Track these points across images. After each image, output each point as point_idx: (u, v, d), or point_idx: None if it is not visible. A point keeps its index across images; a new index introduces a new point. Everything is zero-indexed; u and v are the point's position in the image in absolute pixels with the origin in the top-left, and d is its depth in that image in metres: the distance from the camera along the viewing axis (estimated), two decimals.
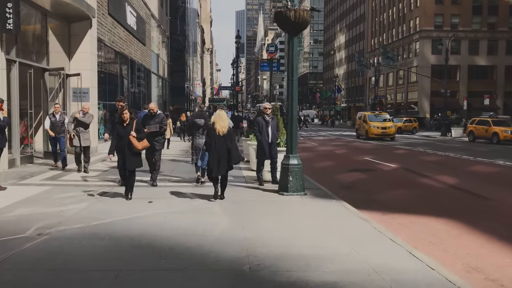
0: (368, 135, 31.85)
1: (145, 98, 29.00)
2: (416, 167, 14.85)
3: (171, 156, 17.09)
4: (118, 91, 21.64)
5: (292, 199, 8.63)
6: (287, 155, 9.22)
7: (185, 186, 10.05)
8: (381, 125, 32.02)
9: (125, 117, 8.18)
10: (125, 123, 8.18)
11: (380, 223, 7.19)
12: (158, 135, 9.92)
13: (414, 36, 61.87)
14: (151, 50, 30.11)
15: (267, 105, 10.47)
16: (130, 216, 6.99)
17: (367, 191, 10.70)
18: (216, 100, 69.52)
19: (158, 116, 9.99)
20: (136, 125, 8.19)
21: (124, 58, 22.61)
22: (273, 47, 21.25)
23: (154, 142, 9.68)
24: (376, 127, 31.82)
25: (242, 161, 10.02)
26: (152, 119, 9.87)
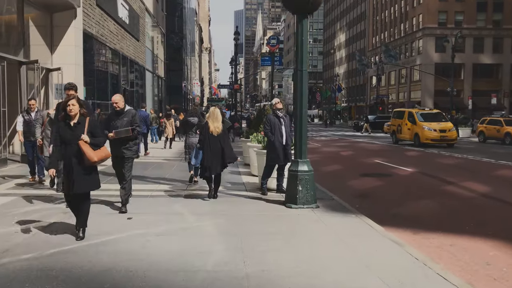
0: (419, 140, 23.77)
1: (139, 97, 27.49)
2: (436, 172, 13.37)
3: (167, 157, 15.65)
4: (108, 89, 20.15)
5: (303, 214, 7.15)
6: (295, 160, 7.74)
7: (175, 196, 8.57)
8: (439, 127, 23.78)
9: (72, 111, 5.43)
10: (72, 121, 5.48)
11: (416, 246, 5.73)
12: (130, 140, 7.16)
13: (417, 34, 60.42)
14: (145, 47, 28.62)
15: (277, 100, 8.98)
16: (100, 239, 5.51)
17: (386, 201, 9.23)
18: (214, 99, 67.93)
19: (128, 113, 7.16)
20: (90, 126, 5.53)
21: (115, 54, 21.12)
22: (275, 39, 19.63)
23: (123, 149, 7.12)
24: (433, 130, 23.56)
25: (236, 160, 8.70)
26: (119, 118, 7.12)
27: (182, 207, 7.55)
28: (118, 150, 7.08)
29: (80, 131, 5.43)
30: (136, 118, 7.14)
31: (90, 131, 5.51)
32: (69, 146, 5.44)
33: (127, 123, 7.07)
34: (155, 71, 33.67)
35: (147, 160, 15.05)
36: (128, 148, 7.17)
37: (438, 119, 25.25)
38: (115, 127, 7.01)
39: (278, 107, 8.87)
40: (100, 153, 5.49)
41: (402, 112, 27.17)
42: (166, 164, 13.98)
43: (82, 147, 5.36)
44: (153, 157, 15.91)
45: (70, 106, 5.42)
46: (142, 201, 7.98)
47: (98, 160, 5.44)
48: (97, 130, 5.63)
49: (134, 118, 7.11)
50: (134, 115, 7.17)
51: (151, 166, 13.27)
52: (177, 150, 19.03)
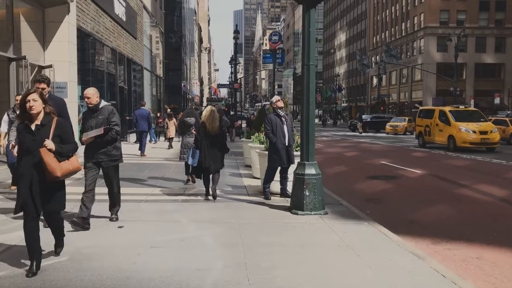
0: (455, 144, 20.44)
1: (137, 96, 26.87)
2: (446, 174, 12.75)
3: (165, 158, 15.03)
4: (105, 88, 19.53)
5: (311, 222, 6.54)
6: (302, 163, 7.12)
7: (171, 201, 7.95)
8: (478, 128, 20.47)
9: (33, 109, 4.15)
10: (34, 122, 4.22)
11: (439, 260, 5.14)
12: (108, 144, 5.88)
13: (418, 33, 59.85)
14: (143, 45, 28.00)
15: (277, 98, 8.34)
16: (85, 253, 4.89)
17: (398, 206, 8.62)
18: (214, 100, 67.32)
19: (103, 111, 5.92)
20: (58, 128, 4.26)
21: (112, 51, 20.50)
22: (277, 36, 18.88)
23: (100, 155, 5.87)
24: (471, 131, 20.27)
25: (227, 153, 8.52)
26: (93, 117, 5.92)
27: (179, 214, 6.94)
28: (93, 155, 5.84)
29: (43, 136, 4.16)
30: (114, 116, 5.91)
31: (59, 135, 4.25)
32: (28, 156, 4.14)
33: (103, 122, 5.83)
34: (153, 70, 33.07)
35: (144, 161, 14.45)
36: (107, 153, 5.88)
37: (475, 118, 21.64)
38: (90, 127, 5.87)
39: (278, 105, 8.24)
40: (66, 166, 4.20)
41: (431, 111, 23.37)
42: (164, 165, 13.37)
43: (43, 157, 4.05)
44: (151, 158, 15.30)
45: (31, 103, 4.13)
46: (136, 207, 7.36)
47: (62, 175, 4.16)
48: (67, 135, 4.34)
49: (111, 116, 5.88)
50: (111, 112, 5.92)
51: (147, 167, 12.66)
52: (176, 150, 18.42)
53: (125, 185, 9.38)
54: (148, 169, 12.41)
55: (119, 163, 6.20)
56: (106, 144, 5.86)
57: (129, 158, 14.97)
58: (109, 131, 5.77)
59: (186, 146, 9.91)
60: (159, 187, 9.34)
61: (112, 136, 5.84)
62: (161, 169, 12.35)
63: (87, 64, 17.34)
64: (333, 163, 15.41)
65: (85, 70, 17.08)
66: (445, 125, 21.45)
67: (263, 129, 11.04)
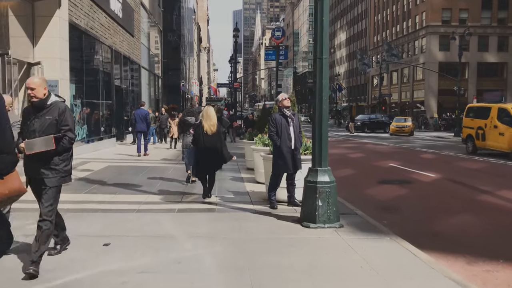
0: None
1: (134, 96, 26.07)
2: (463, 178, 11.96)
3: (164, 159, 14.21)
4: (99, 87, 18.71)
5: (326, 237, 5.74)
6: (314, 168, 6.32)
7: (166, 210, 7.14)
8: None
9: None
10: None
11: (480, 284, 4.34)
12: (56, 154, 4.29)
13: (420, 32, 59.05)
14: (141, 43, 27.18)
15: (284, 96, 7.52)
16: (60, 280, 4.07)
17: (417, 215, 7.82)
18: (213, 99, 66.51)
19: (52, 109, 4.33)
20: None
21: (107, 49, 19.68)
22: (280, 31, 17.96)
23: (43, 169, 4.27)
24: None
25: (231, 159, 8.12)
26: (38, 117, 4.31)
27: (174, 226, 6.13)
28: (35, 169, 4.29)
29: None
30: (66, 118, 4.31)
31: None
32: None
33: (50, 125, 4.27)
34: (151, 69, 32.26)
35: (141, 163, 13.64)
36: (52, 166, 4.29)
37: None
38: (32, 131, 4.28)
39: (285, 104, 7.41)
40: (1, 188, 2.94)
41: (486, 109, 18.63)
42: (161, 168, 12.55)
43: None
44: (148, 160, 14.50)
45: None
46: (126, 218, 6.54)
47: None
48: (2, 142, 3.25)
49: (62, 117, 4.30)
50: (63, 112, 4.31)
51: (143, 170, 11.85)
52: (175, 151, 17.62)
53: (117, 192, 8.60)
54: (144, 172, 11.60)
55: (67, 182, 4.51)
56: (53, 155, 4.28)
57: (125, 161, 14.18)
58: (60, 140, 4.25)
59: (186, 145, 9.75)
60: (154, 194, 8.54)
61: (64, 146, 4.29)
62: (158, 172, 11.54)
63: (81, 62, 16.52)
64: (338, 165, 14.59)
65: (78, 68, 16.27)
66: (508, 127, 16.82)
67: (267, 130, 10.29)
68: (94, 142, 17.53)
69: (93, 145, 17.14)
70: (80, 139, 15.93)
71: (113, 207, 7.32)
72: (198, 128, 7.95)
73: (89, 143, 16.85)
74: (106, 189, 8.93)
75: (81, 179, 10.22)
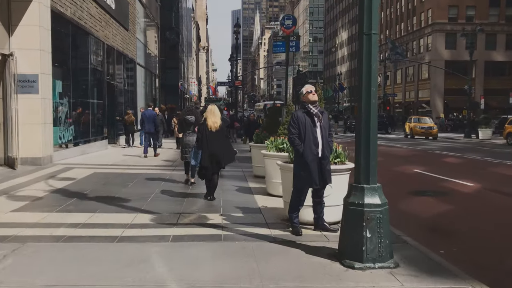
0: None
1: (129, 95, 24.36)
2: (506, 187, 10.27)
3: (160, 165, 12.51)
4: (89, 83, 17.00)
5: (381, 285, 4.04)
6: (359, 186, 4.61)
7: (157, 239, 5.41)
8: None
9: None
10: None
11: None
12: None
13: (425, 30, 57.42)
14: (136, 38, 25.46)
15: (310, 88, 5.81)
16: None
17: (480, 241, 6.13)
18: (212, 100, 64.70)
19: None
20: None
21: (99, 42, 17.98)
22: (290, 19, 15.96)
23: None
24: None
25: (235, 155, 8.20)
26: None
27: (166, 266, 4.43)
28: None
29: None
30: None
31: None
32: None
33: None
34: (148, 66, 30.51)
35: (132, 170, 11.95)
36: None
37: None
38: None
39: (311, 99, 5.69)
40: None
41: None
42: (155, 175, 10.86)
43: None
44: (141, 166, 12.81)
45: None
46: (101, 254, 4.82)
47: None
48: None
49: None
50: None
51: (134, 179, 10.16)
52: (172, 156, 15.91)
53: (98, 209, 6.89)
54: (135, 181, 9.91)
55: None
56: None
57: (115, 166, 12.51)
58: None
59: (187, 145, 9.59)
60: (143, 212, 6.83)
61: None
62: (151, 182, 9.86)
63: (67, 56, 14.83)
64: None
65: (65, 63, 14.60)
66: None
67: (280, 131, 8.60)
68: (83, 144, 15.81)
69: (81, 148, 15.42)
70: (66, 142, 14.24)
71: (88, 232, 5.62)
72: (202, 126, 7.81)
73: (76, 146, 15.15)
74: (85, 206, 7.22)
75: (58, 190, 8.52)
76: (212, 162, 7.64)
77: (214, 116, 7.75)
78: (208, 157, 7.61)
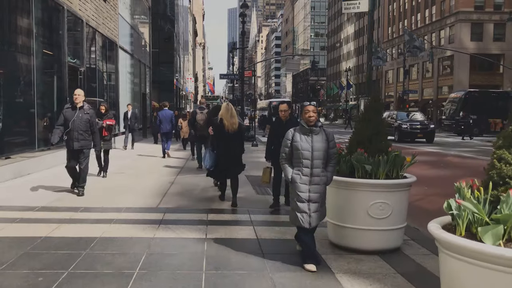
0: None
1: (107, 85, 18.56)
2: None
3: (138, 209, 6.65)
4: (32, 64, 11.17)
5: None
6: None
7: None
8: None
9: None
10: None
11: None
12: None
13: (447, 20, 51.75)
14: (118, 14, 19.63)
15: None
16: None
17: None
18: (209, 98, 58.78)
19: None
20: None
21: (53, 6, 12.20)
22: None
23: None
24: None
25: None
26: None
27: None
28: None
29: None
30: None
31: None
32: None
33: None
34: (136, 53, 24.64)
35: (82, 226, 6.17)
36: None
37: None
38: None
39: None
40: None
41: None
42: (125, 246, 5.08)
43: None
44: (105, 209, 7.02)
45: None
46: None
47: None
48: None
49: None
50: None
51: (76, 259, 4.38)
52: (178, 160, 10.11)
53: None
54: (75, 269, 4.15)
55: None
56: None
57: (52, 213, 6.63)
58: None
59: None
60: None
61: None
62: (109, 275, 4.09)
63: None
64: (437, 195, 7.30)
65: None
66: None
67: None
68: (20, 160, 9.98)
69: (12, 167, 9.56)
70: None
71: None
72: (219, 128, 7.22)
73: (5, 161, 9.34)
74: None
75: None
76: (230, 165, 7.20)
77: (232, 116, 7.21)
78: (225, 160, 7.19)
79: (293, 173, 4.48)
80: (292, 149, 4.50)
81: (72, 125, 7.66)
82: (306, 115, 4.48)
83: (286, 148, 4.56)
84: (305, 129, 4.48)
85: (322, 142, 4.46)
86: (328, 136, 4.52)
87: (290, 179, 4.51)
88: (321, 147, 4.44)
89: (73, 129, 7.67)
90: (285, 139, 4.59)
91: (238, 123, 7.27)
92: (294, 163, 4.53)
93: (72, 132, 7.67)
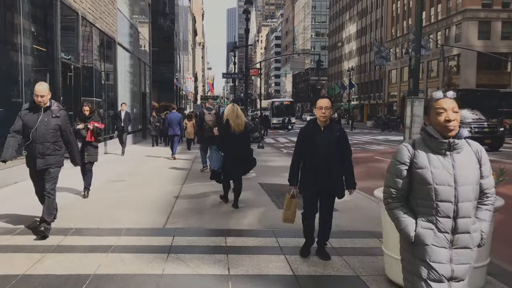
0: None
1: (103, 86, 17.38)
2: None
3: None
4: (20, 60, 10.01)
5: None
6: None
7: None
8: None
9: None
10: None
11: None
12: None
13: (454, 18, 50.61)
14: (117, 9, 18.45)
15: None
16: None
17: None
18: (209, 97, 57.66)
19: None
20: None
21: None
22: None
23: None
24: None
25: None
26: None
27: None
28: None
29: None
30: None
31: None
32: None
33: None
34: (135, 51, 23.45)
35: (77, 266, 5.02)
36: None
37: None
38: None
39: None
40: None
41: None
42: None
43: None
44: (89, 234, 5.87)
45: None
46: None
47: None
48: None
49: None
50: None
51: None
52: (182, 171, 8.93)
53: None
54: None
55: None
56: None
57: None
58: None
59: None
60: None
61: None
62: None
63: None
64: None
65: None
66: None
67: None
68: (0, 168, 8.80)
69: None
70: None
71: None
72: (224, 128, 7.07)
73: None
74: None
75: None
76: (236, 167, 7.04)
77: (238, 117, 7.01)
78: (230, 162, 6.99)
79: (419, 228, 2.46)
80: (412, 180, 2.49)
81: (34, 135, 5.29)
82: (440, 117, 2.52)
83: (399, 179, 2.51)
84: (438, 143, 2.48)
85: (471, 167, 2.48)
86: (479, 154, 2.55)
87: (412, 238, 2.45)
88: (471, 178, 2.46)
89: (36, 141, 5.30)
90: (395, 162, 2.55)
91: (245, 123, 7.09)
92: (417, 207, 2.50)
93: (35, 144, 5.31)
